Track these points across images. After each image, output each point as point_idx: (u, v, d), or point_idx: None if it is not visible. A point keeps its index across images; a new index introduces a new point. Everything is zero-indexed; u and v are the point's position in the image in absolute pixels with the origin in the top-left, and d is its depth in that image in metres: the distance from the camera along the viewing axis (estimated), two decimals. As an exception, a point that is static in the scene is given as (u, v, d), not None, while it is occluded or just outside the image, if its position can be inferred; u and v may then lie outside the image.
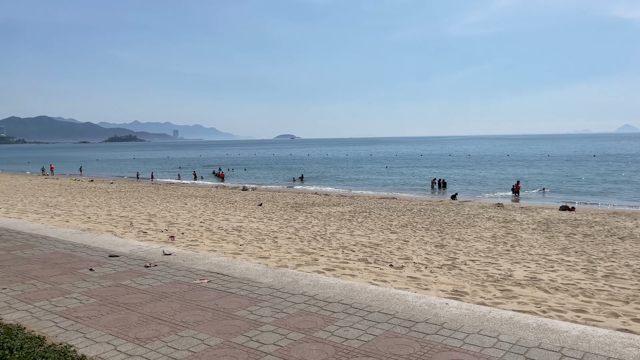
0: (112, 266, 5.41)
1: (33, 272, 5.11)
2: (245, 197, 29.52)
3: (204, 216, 18.34)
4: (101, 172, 70.69)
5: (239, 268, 5.28)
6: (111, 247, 6.11)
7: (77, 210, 19.04)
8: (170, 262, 5.53)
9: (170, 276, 4.99)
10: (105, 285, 4.68)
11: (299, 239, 13.25)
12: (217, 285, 4.63)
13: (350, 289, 4.45)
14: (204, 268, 5.31)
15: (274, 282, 4.71)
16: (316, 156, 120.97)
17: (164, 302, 4.15)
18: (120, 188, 36.10)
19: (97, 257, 5.78)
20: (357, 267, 9.02)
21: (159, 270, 5.21)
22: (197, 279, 4.85)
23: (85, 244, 6.46)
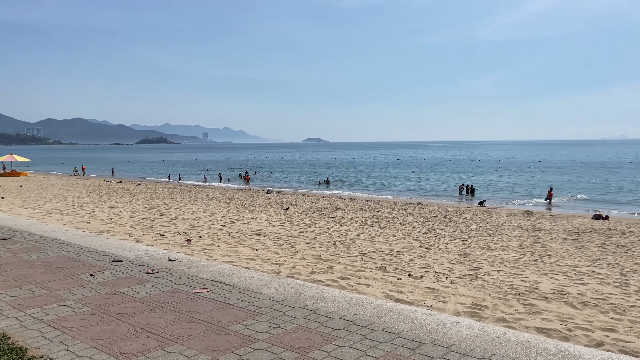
0: (114, 272, 5.26)
1: (33, 277, 5.00)
2: (268, 200, 29.44)
3: (225, 219, 18.27)
4: (131, 173, 71.89)
5: (243, 277, 5.05)
6: (117, 252, 5.98)
7: (101, 211, 19.23)
8: (173, 268, 5.35)
9: (171, 284, 4.79)
10: (102, 292, 4.51)
11: (318, 244, 12.99)
12: (217, 296, 4.41)
13: (356, 304, 4.16)
14: (207, 276, 5.10)
15: (276, 294, 4.46)
16: (343, 160, 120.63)
17: (158, 312, 3.95)
18: (147, 189, 36.53)
19: (101, 262, 5.64)
20: (374, 275, 8.70)
21: (160, 277, 5.03)
22: (197, 287, 4.64)
23: (92, 248, 6.35)
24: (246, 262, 9.11)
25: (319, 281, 7.77)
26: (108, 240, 6.91)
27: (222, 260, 9.11)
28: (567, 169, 72.79)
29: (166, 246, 10.73)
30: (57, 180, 47.59)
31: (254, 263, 9.07)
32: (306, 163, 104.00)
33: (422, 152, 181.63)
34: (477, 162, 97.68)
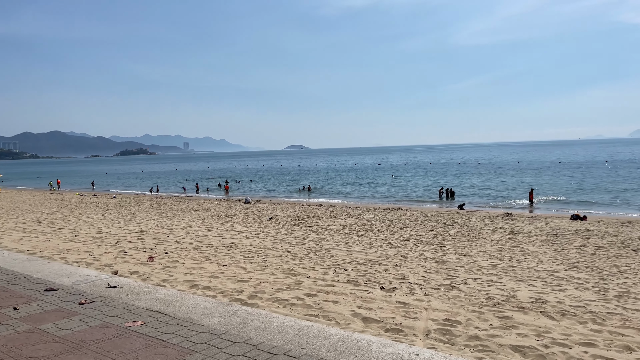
0: (42, 303, 4.71)
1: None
2: (246, 210, 28.85)
3: (198, 232, 17.66)
4: (108, 186, 70.44)
5: (186, 305, 4.54)
6: (54, 278, 5.43)
7: (68, 227, 18.46)
8: (111, 297, 4.82)
9: (102, 317, 4.27)
10: (19, 330, 3.97)
11: (291, 256, 12.51)
12: (150, 330, 3.91)
13: (306, 334, 3.70)
14: (147, 305, 4.58)
15: (218, 325, 3.97)
16: (324, 166, 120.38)
17: (75, 355, 3.43)
18: (121, 203, 35.64)
19: (32, 292, 5.08)
20: (344, 290, 8.25)
21: (93, 308, 4.50)
22: (132, 320, 4.13)
23: (27, 274, 5.78)
24: (208, 281, 8.58)
25: (283, 300, 7.29)
26: (50, 264, 6.34)
27: (183, 280, 8.58)
28: (545, 170, 73.48)
29: (127, 265, 10.15)
30: (29, 195, 46.29)
31: (216, 281, 8.55)
32: (287, 171, 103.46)
33: (404, 157, 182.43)
34: (457, 165, 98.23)
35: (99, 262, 10.40)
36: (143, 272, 9.34)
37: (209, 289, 8.01)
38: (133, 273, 9.20)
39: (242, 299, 7.32)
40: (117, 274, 9.04)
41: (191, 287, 8.10)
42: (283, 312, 6.54)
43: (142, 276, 8.89)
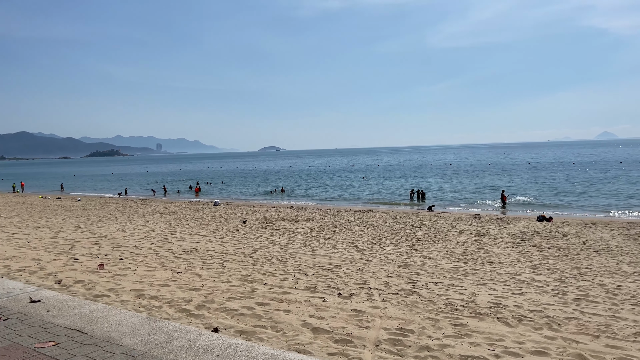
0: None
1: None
2: (213, 213, 28.32)
3: (160, 236, 17.15)
4: (79, 189, 68.61)
5: (110, 321, 4.19)
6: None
7: (23, 232, 17.70)
8: (30, 313, 4.44)
9: (13, 335, 3.89)
10: None
11: (252, 261, 12.17)
12: (61, 352, 3.56)
13: (232, 354, 3.40)
14: (66, 322, 4.21)
15: (138, 344, 3.64)
16: (299, 168, 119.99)
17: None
18: (85, 206, 34.65)
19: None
20: (299, 298, 7.97)
21: (5, 326, 4.11)
22: (44, 340, 3.77)
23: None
24: (157, 290, 8.19)
25: (232, 310, 6.97)
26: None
27: (130, 289, 8.17)
28: (514, 171, 74.62)
29: (73, 273, 9.66)
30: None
31: (165, 290, 8.16)
32: (261, 172, 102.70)
33: (377, 158, 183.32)
34: (429, 167, 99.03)
35: (44, 270, 9.87)
36: (89, 280, 8.87)
37: (156, 298, 7.62)
38: (78, 282, 8.72)
39: (189, 309, 6.97)
40: (59, 283, 8.58)
41: (137, 297, 7.70)
42: (228, 324, 6.22)
43: (87, 285, 8.43)
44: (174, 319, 6.36)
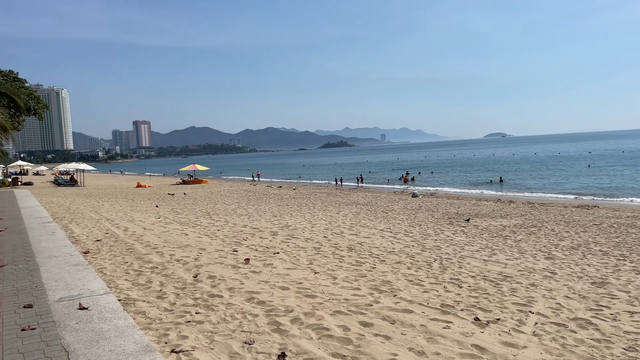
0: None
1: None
2: (407, 205, 27.40)
3: (338, 229, 16.97)
4: (305, 177, 75.10)
5: (116, 344, 3.73)
6: (56, 290, 5.20)
7: (224, 220, 19.52)
8: (61, 322, 4.30)
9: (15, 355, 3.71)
10: None
11: (408, 264, 10.96)
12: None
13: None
14: (71, 340, 3.90)
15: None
16: (523, 155, 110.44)
17: None
18: (297, 195, 37.22)
19: (11, 306, 4.85)
20: (418, 320, 6.58)
21: (27, 336, 4.00)
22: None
23: (47, 282, 5.67)
24: (271, 294, 7.71)
25: (322, 328, 6.03)
26: (87, 271, 6.23)
27: (247, 290, 7.87)
28: None
29: (217, 267, 9.90)
30: (227, 186, 51.68)
31: (281, 294, 7.61)
32: (479, 161, 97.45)
33: (620, 143, 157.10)
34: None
35: (197, 261, 10.40)
36: (221, 276, 8.93)
37: (263, 304, 7.15)
38: (210, 278, 8.86)
39: (281, 322, 6.28)
40: (195, 277, 8.83)
41: (247, 300, 7.35)
42: (304, 347, 5.34)
43: (214, 282, 8.48)
44: (244, 332, 5.76)
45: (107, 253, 11.57)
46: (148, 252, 11.68)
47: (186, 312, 6.83)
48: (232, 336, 5.84)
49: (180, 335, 5.89)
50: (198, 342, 5.68)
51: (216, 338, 5.79)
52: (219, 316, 6.62)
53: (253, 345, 5.54)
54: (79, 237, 14.13)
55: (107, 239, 13.72)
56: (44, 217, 14.49)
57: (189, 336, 5.85)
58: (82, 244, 12.83)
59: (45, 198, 30.10)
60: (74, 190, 42.42)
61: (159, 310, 6.93)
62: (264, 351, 5.35)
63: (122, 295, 7.70)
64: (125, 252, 11.62)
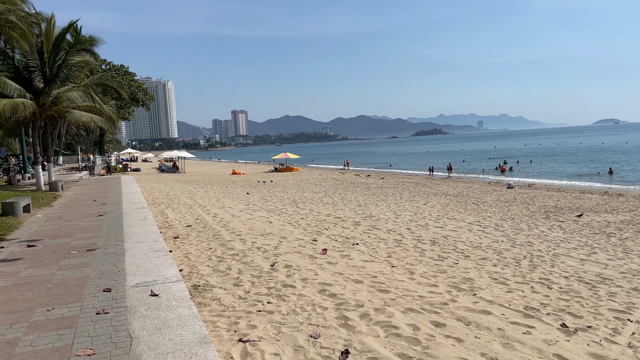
0: (71, 309, 4.69)
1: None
2: (500, 197, 26.02)
3: (423, 220, 16.49)
4: (397, 166, 74.28)
5: (167, 335, 3.83)
6: (135, 274, 5.46)
7: (309, 208, 19.75)
8: (132, 307, 4.49)
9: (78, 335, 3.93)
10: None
11: (495, 261, 10.37)
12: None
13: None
14: (138, 326, 4.05)
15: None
16: (638, 144, 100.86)
17: None
18: (384, 184, 36.80)
19: (92, 289, 5.17)
20: (497, 324, 6.18)
21: (96, 320, 4.22)
22: (88, 348, 3.67)
23: (129, 267, 5.94)
24: (343, 287, 7.61)
25: (393, 326, 5.82)
26: (164, 257, 6.51)
27: (321, 282, 7.82)
28: None
29: (294, 257, 9.99)
30: (317, 174, 52.36)
31: (353, 287, 7.47)
32: (585, 150, 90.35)
33: None
34: None
35: (277, 249, 10.58)
36: (297, 266, 9.00)
37: (334, 296, 7.06)
38: (287, 267, 8.95)
39: (350, 317, 6.15)
40: (272, 266, 8.97)
41: (319, 292, 7.31)
42: (370, 345, 5.17)
43: (289, 272, 8.55)
44: (312, 324, 5.70)
45: (194, 238, 12.13)
46: (232, 238, 12.08)
47: (258, 301, 6.94)
48: (299, 329, 5.83)
49: (249, 324, 5.99)
50: (266, 332, 5.72)
51: (283, 329, 5.80)
52: (289, 307, 6.65)
53: (318, 339, 5.48)
54: (172, 222, 14.97)
55: (196, 225, 14.40)
56: (140, 203, 15.50)
57: (258, 326, 5.92)
58: (174, 229, 13.57)
59: (149, 184, 32.35)
60: (174, 177, 45.20)
61: (234, 298, 7.10)
62: (328, 346, 5.27)
63: (201, 280, 8.01)
64: (211, 238, 12.11)
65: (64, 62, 23.01)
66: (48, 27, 23.48)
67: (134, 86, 74.28)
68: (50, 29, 23.29)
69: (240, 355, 5.07)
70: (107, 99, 36.61)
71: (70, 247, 8.55)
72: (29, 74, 22.32)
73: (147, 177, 42.28)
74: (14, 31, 17.83)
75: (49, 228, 11.14)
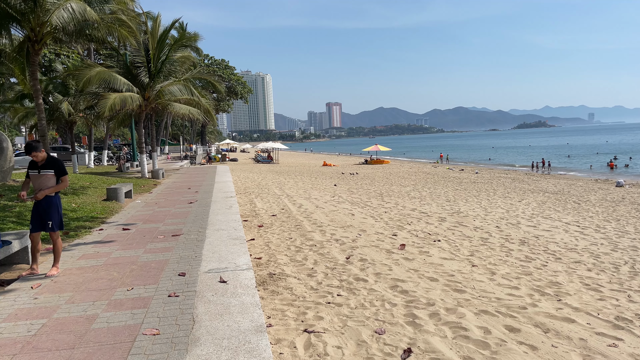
0: (146, 289, 5.00)
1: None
2: (606, 196, 23.94)
3: (515, 219, 15.65)
4: (494, 160, 71.28)
5: (229, 323, 3.95)
6: (210, 261, 5.69)
7: (394, 202, 19.50)
8: (201, 293, 4.69)
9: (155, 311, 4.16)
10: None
11: (590, 265, 9.59)
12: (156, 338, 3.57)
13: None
14: (202, 310, 4.23)
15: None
16: None
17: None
18: (480, 178, 35.37)
19: (169, 273, 5.47)
20: (578, 332, 5.70)
21: (166, 303, 4.47)
22: (151, 328, 3.88)
23: (206, 253, 6.21)
24: (417, 284, 7.39)
25: (463, 327, 5.58)
26: (240, 245, 6.72)
27: (394, 277, 7.68)
28: None
29: (370, 250, 9.88)
30: (408, 167, 51.55)
31: (427, 285, 7.23)
32: None
33: None
34: None
35: (354, 242, 10.55)
36: (372, 260, 8.91)
37: (405, 293, 6.90)
38: (362, 260, 8.89)
39: (418, 315, 5.99)
40: (348, 259, 8.96)
41: (391, 288, 7.18)
42: (434, 345, 4.98)
43: (363, 265, 8.49)
44: (378, 320, 5.59)
45: (277, 228, 12.46)
46: (312, 229, 12.25)
47: (329, 292, 6.97)
48: (365, 323, 5.77)
49: (317, 315, 6.03)
50: (332, 324, 5.73)
51: (349, 323, 5.78)
52: (358, 301, 6.61)
53: (382, 335, 5.39)
54: (259, 211, 15.50)
55: (281, 214, 14.78)
56: (229, 192, 16.19)
57: (325, 318, 5.95)
58: (260, 218, 14.04)
59: (243, 173, 33.74)
60: (268, 167, 46.74)
61: (306, 288, 7.20)
62: (392, 343, 5.17)
63: (277, 269, 8.21)
64: (292, 228, 12.37)
65: (167, 57, 24.60)
66: (154, 25, 25.20)
67: (233, 80, 77.65)
68: (155, 27, 24.97)
69: (303, 345, 5.13)
70: (206, 93, 38.64)
71: (159, 232, 9.16)
72: (135, 70, 24.14)
73: (243, 167, 44.10)
74: (124, 29, 19.31)
75: (144, 213, 12.02)
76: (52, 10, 15.96)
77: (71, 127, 32.34)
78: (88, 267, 6.71)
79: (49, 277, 6.33)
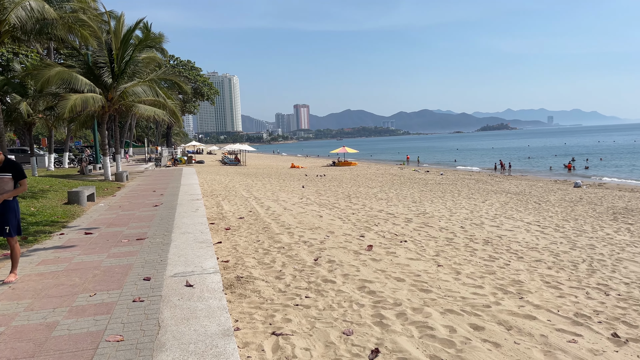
0: (111, 295, 4.88)
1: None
2: (565, 196, 24.74)
3: (479, 219, 15.97)
4: (461, 162, 72.58)
5: (188, 330, 3.91)
6: (176, 265, 5.61)
7: (362, 204, 19.63)
8: (167, 297, 4.61)
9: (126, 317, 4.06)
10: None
11: (550, 263, 9.86)
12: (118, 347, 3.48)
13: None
14: (168, 315, 4.16)
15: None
16: None
17: None
18: (445, 180, 35.97)
19: (133, 278, 5.37)
20: (540, 330, 5.87)
21: (134, 307, 4.37)
22: (116, 333, 3.80)
23: (171, 257, 6.11)
24: (384, 284, 7.47)
25: (429, 327, 5.67)
26: (206, 249, 6.66)
27: (361, 279, 7.74)
28: None
29: (338, 252, 9.93)
30: (375, 169, 51.99)
31: (393, 286, 7.33)
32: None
33: None
34: None
35: (322, 244, 10.57)
36: (339, 262, 8.95)
37: (373, 294, 6.98)
38: (330, 262, 8.92)
39: (385, 315, 6.06)
40: (316, 261, 8.97)
41: (358, 289, 7.23)
42: (402, 345, 5.05)
43: (331, 267, 8.52)
44: (346, 321, 5.62)
45: (245, 230, 12.37)
46: (280, 232, 12.21)
47: (297, 294, 6.96)
48: (333, 325, 5.79)
49: (285, 318, 6.02)
50: (300, 326, 5.73)
51: (317, 325, 5.79)
52: (326, 302, 6.63)
53: (350, 336, 5.43)
54: (226, 213, 15.35)
55: (249, 217, 14.68)
56: (196, 195, 16.00)
57: (293, 320, 5.94)
58: (227, 221, 13.90)
59: (210, 176, 33.35)
60: (235, 169, 46.35)
61: (274, 290, 7.17)
62: (360, 344, 5.21)
63: (245, 272, 8.15)
64: (260, 231, 12.30)
65: (131, 58, 24.11)
66: (117, 25, 24.66)
67: (200, 81, 76.74)
68: (119, 27, 24.45)
69: (271, 348, 5.11)
70: (173, 94, 38.09)
71: (123, 236, 8.97)
72: (98, 70, 23.57)
73: (210, 169, 43.60)
74: (85, 29, 18.84)
75: (107, 217, 11.75)
76: (10, 9, 15.45)
77: (30, 129, 31.34)
78: (48, 273, 6.51)
79: (7, 283, 6.12)
